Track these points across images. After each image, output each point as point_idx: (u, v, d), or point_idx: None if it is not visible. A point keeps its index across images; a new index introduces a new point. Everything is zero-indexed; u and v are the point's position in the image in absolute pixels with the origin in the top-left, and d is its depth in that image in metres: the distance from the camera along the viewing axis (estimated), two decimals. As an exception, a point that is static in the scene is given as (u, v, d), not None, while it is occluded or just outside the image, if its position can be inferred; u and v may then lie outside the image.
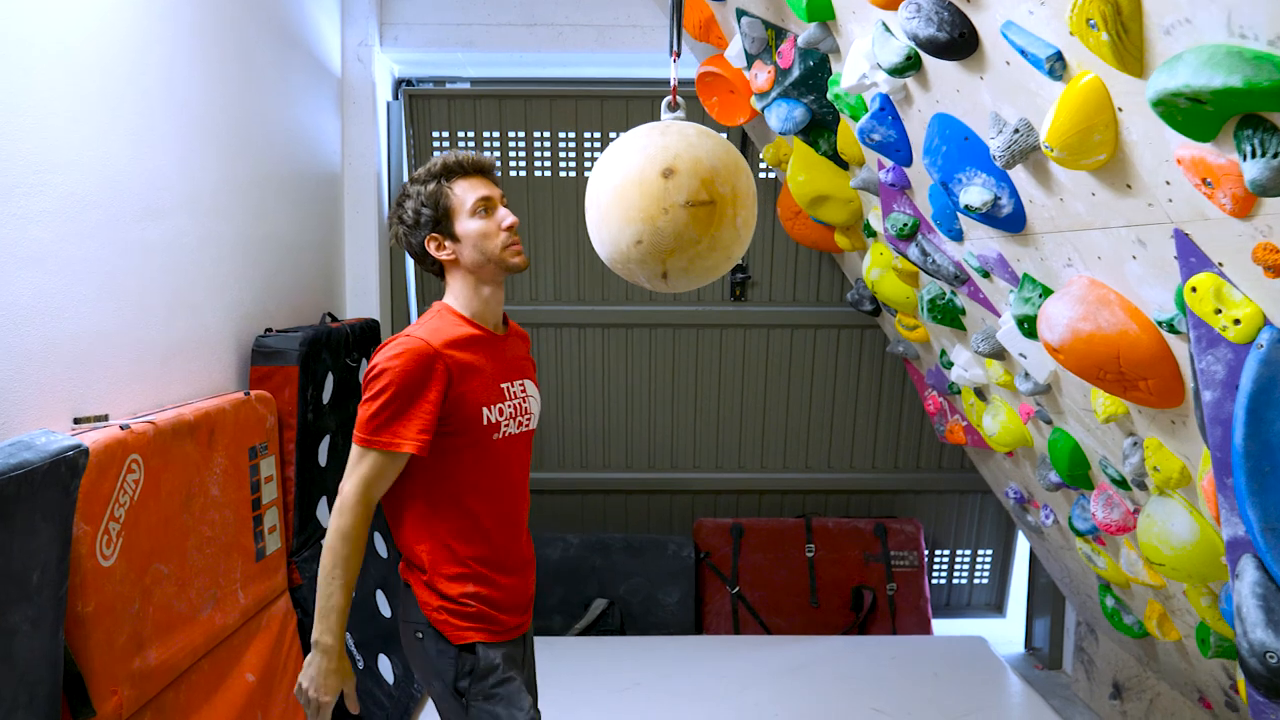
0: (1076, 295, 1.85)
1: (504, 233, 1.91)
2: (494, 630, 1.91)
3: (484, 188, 1.92)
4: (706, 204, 1.72)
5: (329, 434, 3.04)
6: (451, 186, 1.91)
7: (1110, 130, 1.45)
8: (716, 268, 1.86)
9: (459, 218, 1.90)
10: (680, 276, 1.84)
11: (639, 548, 4.17)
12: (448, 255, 1.92)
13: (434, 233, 1.92)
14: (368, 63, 3.81)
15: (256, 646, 2.52)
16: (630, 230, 1.79)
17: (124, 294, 2.19)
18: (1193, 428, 1.88)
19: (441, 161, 1.93)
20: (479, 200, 1.90)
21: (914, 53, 1.93)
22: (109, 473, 1.90)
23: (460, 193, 1.91)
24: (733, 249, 1.84)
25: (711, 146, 1.77)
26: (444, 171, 1.92)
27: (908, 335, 3.39)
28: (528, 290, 4.11)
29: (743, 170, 1.82)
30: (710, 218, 1.74)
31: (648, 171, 1.74)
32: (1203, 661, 2.75)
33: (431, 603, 1.89)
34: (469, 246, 1.90)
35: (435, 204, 1.90)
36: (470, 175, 1.94)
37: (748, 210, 1.81)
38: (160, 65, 2.36)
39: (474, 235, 1.90)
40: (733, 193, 1.76)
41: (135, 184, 2.24)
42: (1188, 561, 2.12)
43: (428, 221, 1.91)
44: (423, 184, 1.92)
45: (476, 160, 1.95)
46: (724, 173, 1.75)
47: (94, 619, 1.86)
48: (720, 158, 1.76)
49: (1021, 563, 4.52)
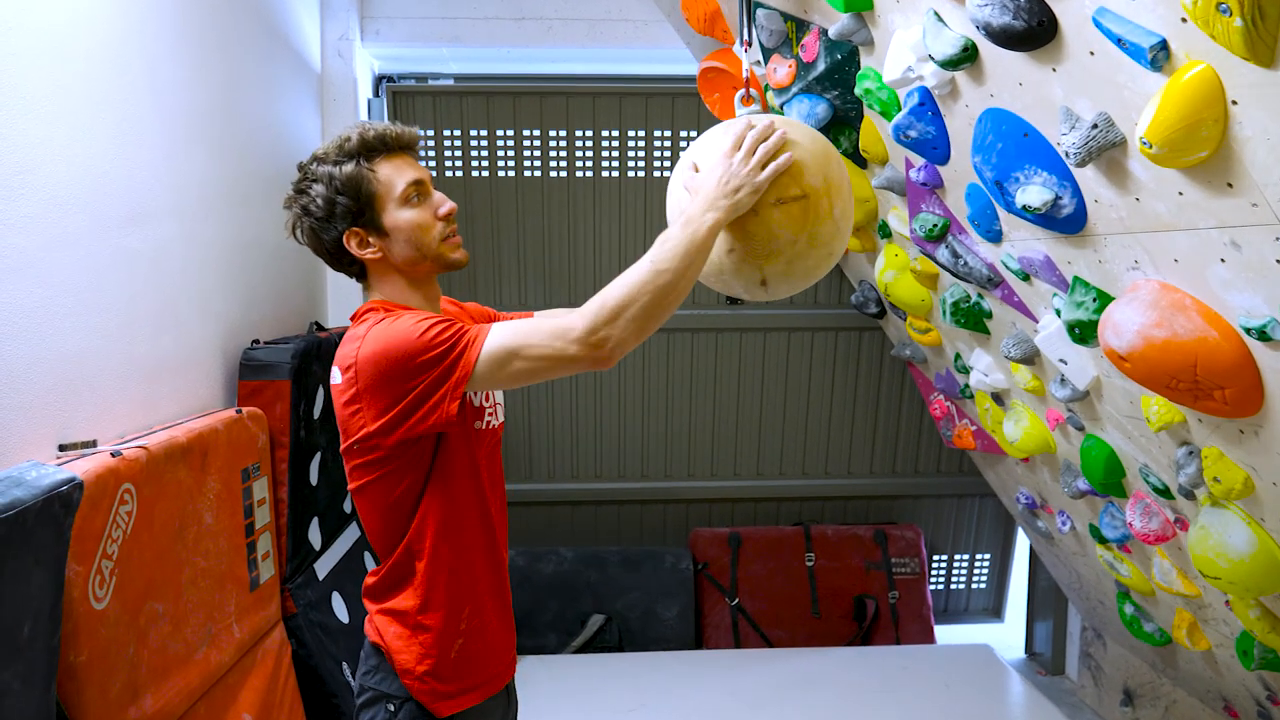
0: (1147, 300, 1.75)
1: (440, 222, 1.61)
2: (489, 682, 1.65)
3: (412, 169, 1.60)
4: (799, 199, 1.56)
5: (319, 451, 2.86)
6: (375, 168, 1.57)
7: (1219, 125, 1.34)
8: (819, 267, 1.66)
9: (387, 207, 1.57)
10: (781, 282, 1.65)
11: (635, 560, 4.03)
12: (372, 254, 1.59)
13: (355, 226, 1.58)
14: (348, 58, 3.62)
15: (252, 683, 2.35)
16: (720, 240, 1.63)
17: (109, 306, 2.01)
18: (1264, 438, 1.78)
19: (359, 135, 1.57)
20: (411, 184, 1.58)
21: (971, 44, 1.81)
22: (101, 506, 1.73)
23: (387, 176, 1.57)
24: (834, 244, 1.64)
25: (797, 137, 1.60)
26: (363, 149, 1.57)
27: (918, 339, 3.29)
28: (516, 295, 3.94)
29: (833, 158, 1.63)
30: (805, 214, 1.57)
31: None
32: (1234, 672, 2.68)
33: (415, 669, 1.57)
34: (400, 241, 1.58)
35: (355, 190, 1.55)
36: (395, 153, 1.60)
37: (844, 200, 1.62)
38: (142, 59, 2.17)
39: (407, 227, 1.58)
40: (825, 183, 1.58)
41: (119, 185, 2.05)
42: (1246, 574, 2.04)
43: (344, 213, 1.56)
44: (335, 164, 1.56)
45: (401, 134, 1.61)
46: (813, 163, 1.58)
47: (87, 669, 1.68)
48: (808, 147, 1.59)
49: (1020, 567, 4.46)
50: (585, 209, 3.89)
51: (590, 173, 3.85)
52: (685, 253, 1.49)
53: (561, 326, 1.46)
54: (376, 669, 1.61)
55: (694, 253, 1.50)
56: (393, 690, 1.58)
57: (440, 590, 1.60)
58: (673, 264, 1.48)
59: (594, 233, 3.91)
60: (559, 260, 3.93)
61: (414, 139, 1.64)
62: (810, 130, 1.69)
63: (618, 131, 3.81)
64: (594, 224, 3.90)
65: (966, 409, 3.41)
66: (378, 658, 1.61)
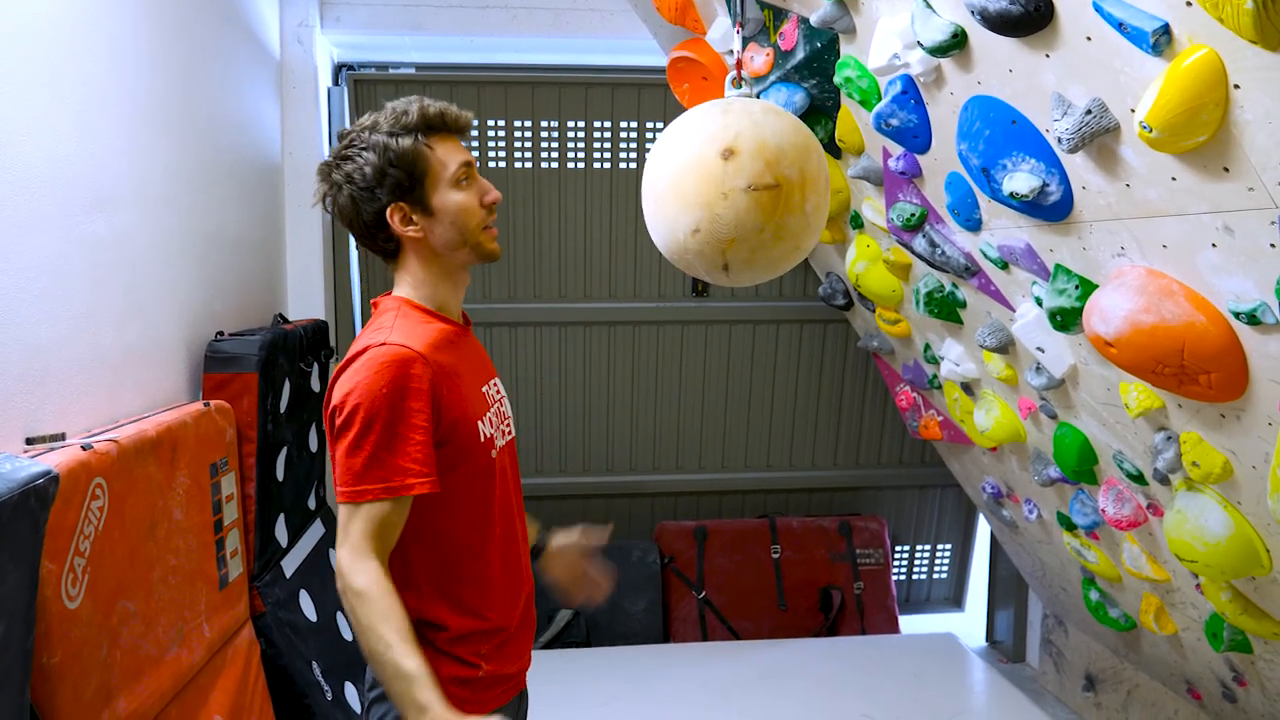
0: (1134, 286, 1.77)
1: (484, 210, 1.58)
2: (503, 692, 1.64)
3: (464, 152, 1.58)
4: (771, 188, 1.54)
5: (285, 446, 2.79)
6: (433, 146, 1.54)
7: (1219, 109, 1.35)
8: (783, 259, 1.66)
9: (439, 186, 1.54)
10: (743, 269, 1.64)
11: (602, 555, 3.99)
12: (414, 231, 1.55)
13: (401, 201, 1.53)
14: (308, 45, 3.54)
15: (223, 684, 2.27)
16: (687, 218, 1.60)
17: (75, 295, 1.93)
18: (1245, 422, 1.81)
19: (419, 110, 1.53)
20: (463, 166, 1.56)
21: (961, 30, 1.81)
22: (73, 501, 1.65)
23: (442, 155, 1.55)
24: (802, 238, 1.64)
25: (779, 125, 1.59)
26: (423, 124, 1.54)
27: (887, 330, 3.31)
28: (480, 287, 3.89)
29: (814, 152, 1.62)
30: (775, 204, 1.56)
31: (706, 153, 1.56)
32: (1200, 654, 2.73)
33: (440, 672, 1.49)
34: (445, 224, 1.55)
35: (411, 165, 1.52)
36: (451, 134, 1.58)
37: (819, 196, 1.62)
38: (103, 36, 2.09)
39: (455, 209, 1.54)
40: (801, 176, 1.58)
41: (83, 169, 1.97)
42: (1222, 557, 2.07)
43: (394, 185, 1.52)
44: (390, 136, 1.52)
45: (460, 115, 1.58)
46: (792, 154, 1.57)
47: (60, 670, 1.61)
48: (788, 137, 1.58)
49: (981, 557, 4.51)
50: (550, 200, 3.84)
51: (556, 164, 3.80)
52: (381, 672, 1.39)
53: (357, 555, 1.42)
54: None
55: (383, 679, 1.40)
56: None
57: (447, 596, 1.56)
58: (375, 665, 1.40)
59: (558, 225, 3.87)
60: (525, 249, 3.88)
61: (469, 123, 1.61)
62: (796, 122, 1.67)
63: (583, 122, 3.77)
64: (559, 216, 3.86)
65: (934, 400, 3.44)
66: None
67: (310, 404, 3.03)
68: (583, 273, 3.94)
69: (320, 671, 2.70)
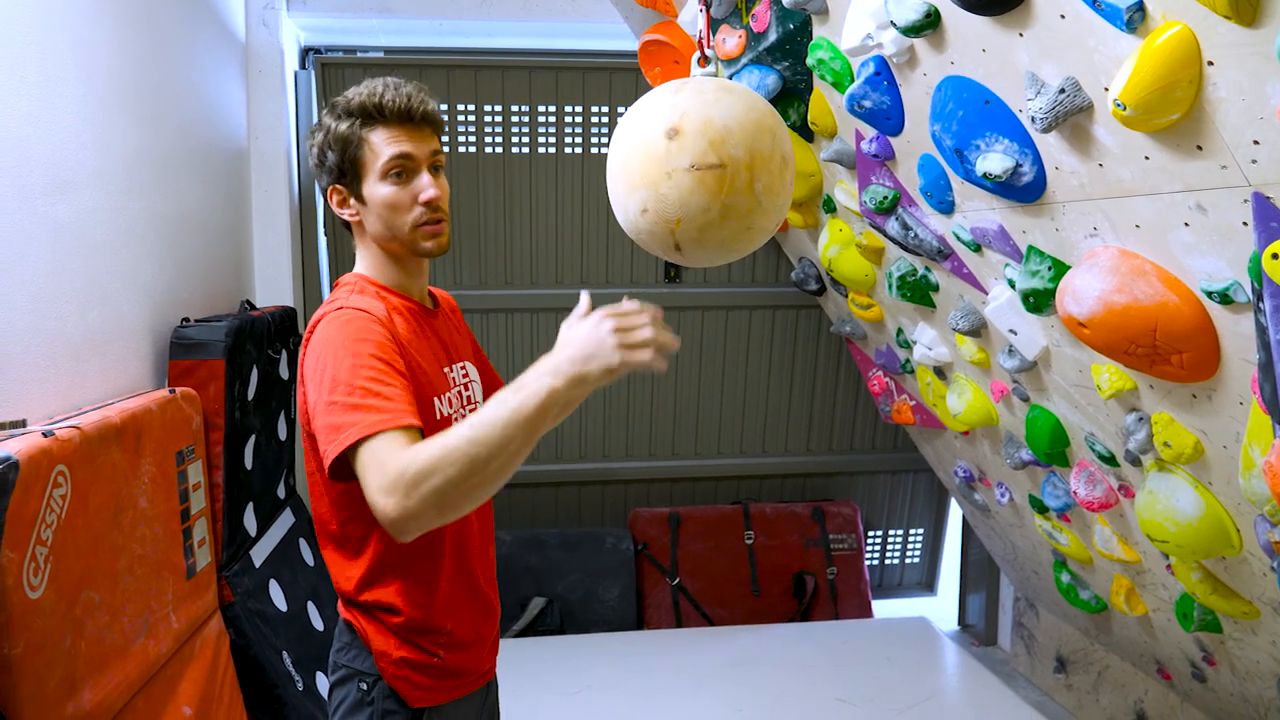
0: (1107, 266, 1.77)
1: (419, 207, 1.53)
2: (462, 683, 1.59)
3: (407, 142, 1.52)
4: (714, 168, 1.52)
5: (254, 434, 2.75)
6: (368, 134, 1.51)
7: (1193, 87, 1.35)
8: (737, 240, 1.61)
9: (368, 176, 1.52)
10: (695, 249, 1.60)
11: (575, 542, 3.99)
12: (350, 215, 1.57)
13: (337, 184, 1.55)
14: (274, 28, 3.48)
15: (191, 675, 2.24)
16: (636, 197, 1.57)
17: (35, 279, 1.88)
18: (1216, 402, 1.82)
19: (361, 98, 1.51)
20: (394, 159, 1.51)
21: (934, 9, 1.80)
22: (34, 489, 1.61)
23: (376, 145, 1.51)
24: (755, 219, 1.60)
25: (730, 104, 1.55)
26: (361, 112, 1.51)
27: (860, 314, 3.31)
28: (451, 275, 3.86)
29: (765, 131, 1.56)
30: (719, 184, 1.52)
31: (652, 132, 1.54)
32: (1170, 635, 2.76)
33: (391, 653, 1.50)
34: (373, 215, 1.54)
35: (341, 150, 1.52)
36: (393, 123, 1.52)
37: (771, 176, 1.57)
38: (64, 22, 2.03)
39: (379, 203, 1.52)
40: (749, 156, 1.53)
41: (43, 150, 1.92)
42: (1193, 537, 2.09)
43: (332, 168, 1.54)
44: (336, 118, 1.53)
45: (407, 105, 1.52)
46: (739, 133, 1.53)
47: (23, 662, 1.58)
48: (738, 117, 1.53)
49: (953, 541, 4.54)
50: (521, 186, 3.81)
51: (526, 149, 3.77)
52: (507, 424, 1.26)
53: (391, 472, 1.25)
54: (349, 645, 1.55)
55: (518, 425, 1.26)
56: (365, 668, 1.52)
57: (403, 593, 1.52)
58: (491, 436, 1.25)
59: (529, 211, 3.84)
60: (494, 236, 3.85)
61: (420, 111, 1.53)
62: (752, 100, 1.61)
63: (554, 107, 3.74)
64: (530, 201, 3.83)
65: (906, 384, 3.45)
66: (350, 635, 1.55)
67: (279, 391, 2.99)
68: (554, 259, 3.91)
69: (291, 662, 2.67)
